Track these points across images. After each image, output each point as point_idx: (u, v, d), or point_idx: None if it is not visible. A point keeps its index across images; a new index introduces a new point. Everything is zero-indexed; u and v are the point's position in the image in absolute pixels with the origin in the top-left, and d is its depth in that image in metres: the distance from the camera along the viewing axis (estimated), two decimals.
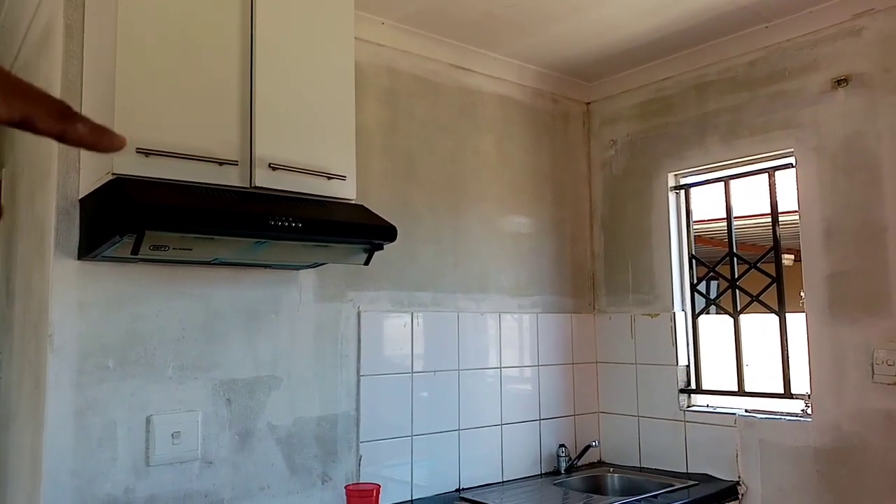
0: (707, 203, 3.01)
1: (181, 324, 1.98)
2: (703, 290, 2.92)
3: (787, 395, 2.56)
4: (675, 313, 2.86)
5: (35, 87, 0.43)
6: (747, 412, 2.61)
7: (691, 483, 2.58)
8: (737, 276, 2.78)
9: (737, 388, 2.72)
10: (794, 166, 2.54)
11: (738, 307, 2.76)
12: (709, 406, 2.79)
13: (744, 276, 2.77)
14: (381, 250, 1.99)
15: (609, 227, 3.14)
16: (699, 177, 2.90)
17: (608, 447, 3.03)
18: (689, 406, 2.81)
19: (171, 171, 1.67)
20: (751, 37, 2.65)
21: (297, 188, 1.87)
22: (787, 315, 2.61)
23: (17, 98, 0.41)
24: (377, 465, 2.35)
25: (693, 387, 2.84)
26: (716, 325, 2.92)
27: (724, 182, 2.84)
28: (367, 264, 2.02)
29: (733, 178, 2.81)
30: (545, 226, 3.03)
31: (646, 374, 2.93)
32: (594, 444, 2.91)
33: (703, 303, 2.92)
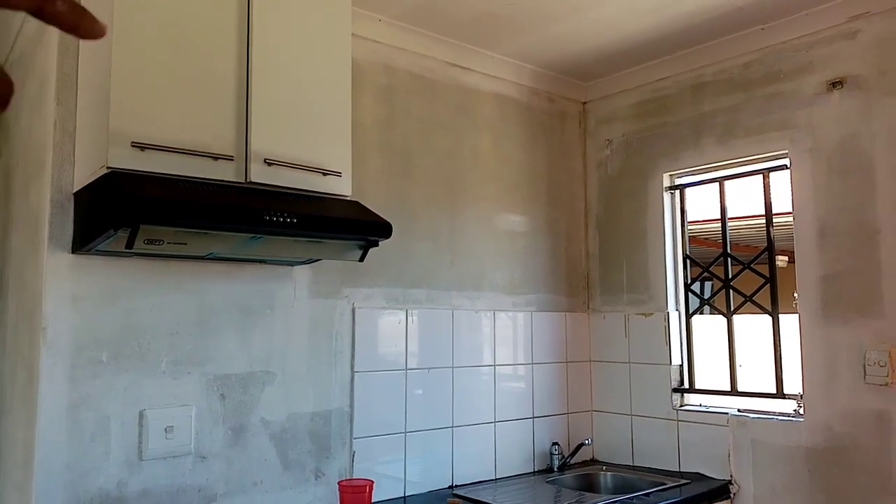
0: (702, 204, 3.02)
1: (175, 318, 1.98)
2: (697, 290, 2.93)
3: (780, 395, 2.57)
4: (668, 313, 2.87)
5: None
6: (740, 412, 2.63)
7: (683, 482, 2.59)
8: (731, 276, 2.79)
9: (730, 388, 2.73)
10: (788, 167, 2.55)
11: (732, 307, 2.77)
12: (702, 405, 2.80)
13: (738, 276, 2.78)
14: (377, 247, 1.99)
15: (604, 227, 3.15)
16: (694, 177, 2.91)
17: (601, 445, 3.04)
18: (682, 405, 2.82)
19: (166, 165, 1.67)
20: (747, 38, 2.66)
21: (292, 184, 1.88)
22: (781, 316, 2.62)
23: None
24: (371, 462, 2.36)
25: (686, 386, 2.85)
26: (709, 325, 2.93)
27: (719, 183, 2.85)
28: (362, 261, 2.03)
29: (728, 178, 2.82)
30: (540, 225, 3.03)
31: (639, 373, 2.94)
32: (587, 442, 2.92)
33: (697, 303, 2.93)
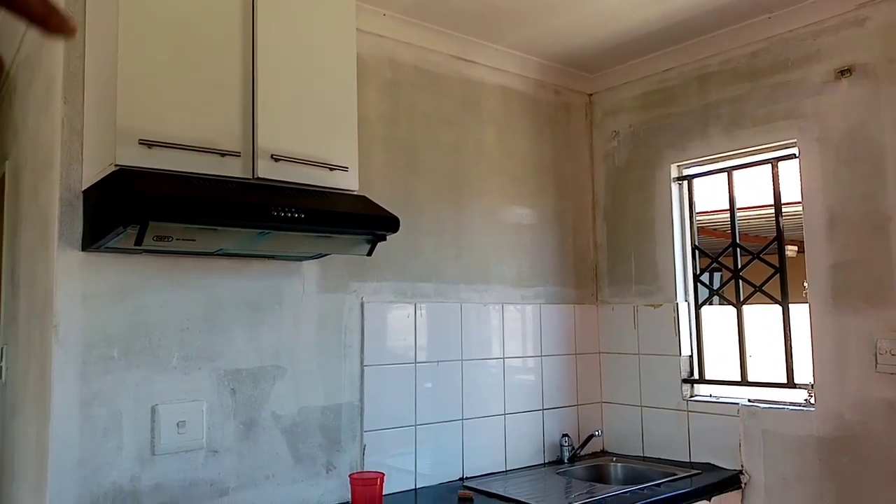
0: (710, 195, 3.01)
1: (185, 314, 1.99)
2: (707, 280, 2.92)
3: (790, 384, 2.56)
4: (678, 304, 2.86)
5: None
6: (750, 402, 2.62)
7: (694, 472, 2.59)
8: (740, 266, 2.78)
9: (740, 378, 2.72)
10: (797, 157, 2.54)
11: (742, 298, 2.76)
12: (712, 396, 2.79)
13: (747, 266, 2.77)
14: (384, 241, 2.00)
15: (612, 219, 3.14)
16: (702, 168, 2.90)
17: (611, 437, 3.04)
18: (692, 396, 2.82)
19: (173, 162, 1.68)
20: (753, 27, 2.64)
21: (299, 179, 1.88)
22: (791, 305, 2.61)
23: None
24: (381, 455, 2.37)
25: (696, 377, 2.84)
26: (719, 316, 2.92)
27: (727, 173, 2.83)
28: (369, 255, 2.03)
29: (736, 168, 2.80)
30: (547, 217, 3.03)
31: (649, 364, 2.93)
32: (597, 433, 2.92)
33: (706, 293, 2.92)
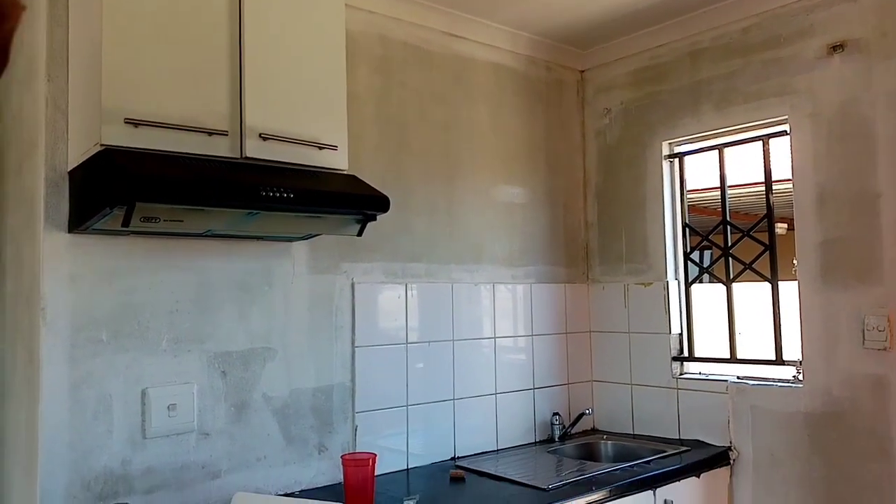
0: (701, 172, 3.00)
1: (174, 296, 1.97)
2: (697, 258, 2.93)
3: (779, 361, 2.58)
4: (668, 282, 2.87)
5: None
6: (739, 379, 2.64)
7: (683, 449, 2.61)
8: (730, 244, 2.79)
9: (729, 356, 2.74)
10: (788, 133, 2.53)
11: (731, 275, 2.77)
12: (701, 373, 2.81)
13: (737, 244, 2.77)
14: (375, 221, 1.98)
15: (603, 197, 3.13)
16: (693, 145, 2.89)
17: (602, 415, 3.06)
18: (681, 374, 2.84)
19: (160, 141, 1.65)
20: (745, 3, 2.62)
21: (288, 158, 1.86)
22: (780, 283, 2.62)
23: None
24: (373, 435, 2.37)
25: (686, 355, 2.86)
26: (709, 294, 2.93)
27: (718, 150, 2.83)
28: (360, 235, 2.01)
29: (727, 145, 2.79)
30: (539, 196, 3.01)
31: (639, 342, 2.95)
32: (588, 412, 2.94)
33: (697, 271, 2.92)
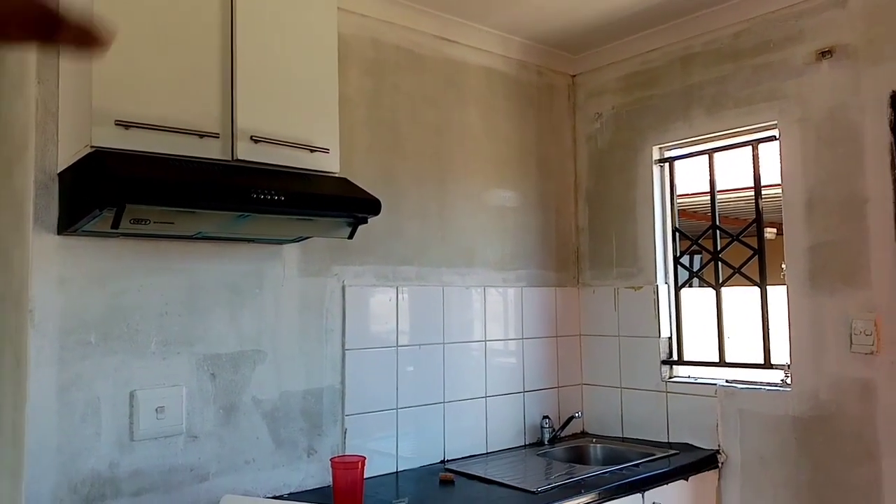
0: (691, 178, 3.02)
1: (163, 299, 1.96)
2: (686, 263, 2.94)
3: (768, 365, 2.59)
4: (657, 286, 2.88)
5: None
6: (728, 382, 2.65)
7: (672, 452, 2.63)
8: (719, 248, 2.80)
9: (718, 360, 2.75)
10: (777, 138, 2.55)
11: (721, 280, 2.78)
12: (690, 377, 2.82)
13: (726, 248, 2.79)
14: (366, 224, 1.98)
15: (594, 201, 3.14)
16: (683, 150, 2.90)
17: (591, 418, 3.07)
18: (670, 377, 2.85)
19: (150, 143, 1.64)
20: (736, 8, 2.64)
21: (279, 161, 1.86)
22: (769, 287, 2.64)
23: None
24: (363, 438, 2.37)
25: (675, 358, 2.87)
26: (698, 298, 2.95)
27: (708, 155, 2.84)
28: (351, 238, 2.02)
29: (717, 150, 2.81)
30: (530, 200, 3.02)
31: (629, 346, 2.96)
32: (577, 415, 2.95)
33: (686, 275, 2.94)
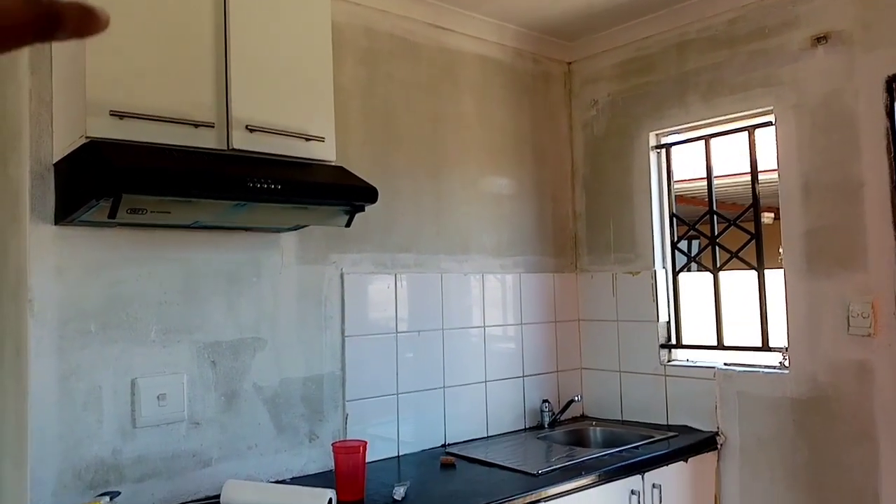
0: (688, 164, 3.02)
1: (162, 288, 1.98)
2: (684, 248, 2.95)
3: (765, 348, 2.61)
4: (655, 271, 2.89)
5: None
6: (726, 365, 2.67)
7: (671, 434, 2.65)
8: (717, 233, 2.81)
9: (716, 343, 2.77)
10: (773, 124, 2.56)
11: (718, 264, 2.79)
12: (689, 360, 2.84)
13: (724, 233, 2.80)
14: (363, 212, 1.99)
15: (591, 187, 3.15)
16: (680, 136, 2.90)
17: (591, 402, 3.09)
18: (669, 361, 2.86)
19: (146, 133, 1.65)
20: None
21: (275, 150, 1.87)
22: (766, 271, 2.65)
23: None
24: (364, 424, 2.39)
25: (673, 342, 2.89)
26: (696, 282, 2.96)
27: (704, 140, 2.85)
28: (348, 226, 2.03)
29: (714, 136, 2.81)
30: (527, 187, 3.03)
31: (627, 330, 2.97)
32: (577, 398, 2.96)
33: (684, 260, 2.95)
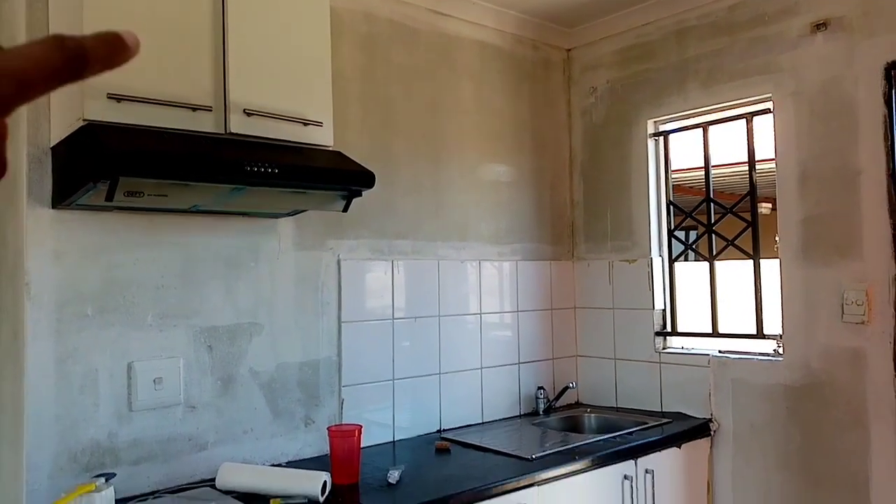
0: (686, 153, 3.02)
1: (159, 272, 1.98)
2: (681, 236, 2.96)
3: (760, 335, 2.62)
4: (652, 259, 2.90)
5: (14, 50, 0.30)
6: (721, 353, 2.68)
7: (665, 421, 2.66)
8: (713, 221, 2.82)
9: (711, 331, 2.78)
10: (771, 111, 2.55)
11: (714, 252, 2.80)
12: (683, 348, 2.85)
13: (720, 221, 2.80)
14: (360, 197, 1.99)
15: (588, 175, 3.15)
16: (677, 123, 2.90)
17: (586, 389, 3.11)
18: (664, 348, 2.88)
19: (143, 116, 1.65)
20: None
21: (273, 134, 1.86)
22: (762, 260, 2.65)
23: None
24: (359, 409, 2.40)
25: (669, 330, 2.90)
26: (692, 270, 2.96)
27: (702, 128, 2.84)
28: (345, 211, 2.03)
29: (712, 123, 2.81)
30: (525, 174, 3.03)
31: (623, 318, 2.98)
32: (572, 385, 2.98)
33: (681, 248, 2.96)
